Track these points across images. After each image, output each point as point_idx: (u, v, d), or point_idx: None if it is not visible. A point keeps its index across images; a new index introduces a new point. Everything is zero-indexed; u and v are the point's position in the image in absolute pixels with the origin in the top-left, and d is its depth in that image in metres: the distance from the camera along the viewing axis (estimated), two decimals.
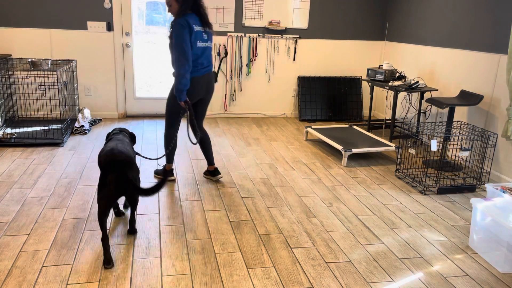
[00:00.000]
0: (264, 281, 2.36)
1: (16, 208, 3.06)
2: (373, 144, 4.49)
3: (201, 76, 3.34)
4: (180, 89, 3.18)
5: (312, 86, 6.07)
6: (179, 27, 3.12)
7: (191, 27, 3.17)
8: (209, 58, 3.40)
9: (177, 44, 3.13)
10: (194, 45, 3.22)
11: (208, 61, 3.39)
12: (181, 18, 3.16)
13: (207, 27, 3.34)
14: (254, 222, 3.02)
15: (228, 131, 5.31)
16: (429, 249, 2.77)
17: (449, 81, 4.74)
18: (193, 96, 3.36)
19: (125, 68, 5.56)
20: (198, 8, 3.28)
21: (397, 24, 5.84)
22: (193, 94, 3.34)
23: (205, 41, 3.32)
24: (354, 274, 2.47)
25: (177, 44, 3.13)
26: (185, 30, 3.13)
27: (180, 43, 3.12)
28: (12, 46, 5.19)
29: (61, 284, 2.26)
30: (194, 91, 3.34)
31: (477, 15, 4.34)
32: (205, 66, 3.35)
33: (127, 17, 5.40)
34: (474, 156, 4.14)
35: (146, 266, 2.45)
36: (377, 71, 5.12)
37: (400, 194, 3.63)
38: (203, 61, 3.32)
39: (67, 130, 4.81)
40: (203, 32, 3.30)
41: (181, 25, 3.13)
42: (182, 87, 3.18)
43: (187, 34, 3.14)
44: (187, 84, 3.19)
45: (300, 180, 3.83)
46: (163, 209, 3.15)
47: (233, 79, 5.90)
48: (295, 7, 5.80)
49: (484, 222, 2.71)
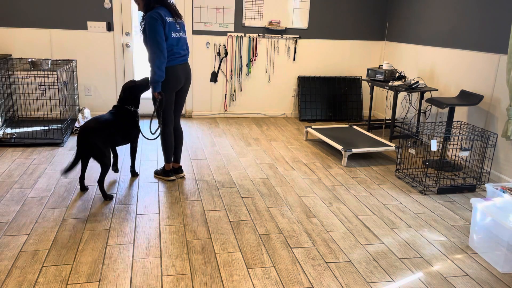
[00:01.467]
0: (264, 281, 2.36)
1: (16, 208, 3.06)
2: (373, 144, 4.49)
3: (179, 65, 3.42)
4: (156, 80, 3.26)
5: (312, 86, 6.07)
6: (151, 20, 3.19)
7: (164, 19, 3.24)
8: (183, 47, 3.47)
9: (151, 37, 3.20)
10: (169, 36, 3.29)
11: (184, 50, 3.46)
12: (152, 11, 3.23)
13: (178, 17, 3.41)
14: (254, 222, 3.02)
15: (228, 131, 5.31)
16: (429, 249, 2.77)
17: (449, 81, 4.74)
18: (175, 85, 3.43)
19: (125, 68, 5.57)
20: (163, 1, 3.34)
21: (397, 24, 5.84)
22: (174, 83, 3.41)
23: (178, 31, 3.39)
24: (354, 274, 2.47)
25: (151, 37, 3.20)
26: (157, 22, 3.19)
27: (154, 36, 3.19)
28: (12, 46, 5.19)
29: (61, 284, 2.26)
30: (176, 80, 3.41)
31: (477, 15, 4.34)
32: (182, 55, 3.42)
33: (127, 17, 5.40)
34: (474, 156, 4.14)
35: (146, 266, 2.45)
36: (377, 71, 5.12)
37: (400, 194, 3.63)
38: (179, 50, 3.39)
39: (67, 130, 4.81)
40: (175, 23, 3.37)
41: (153, 18, 3.19)
42: (158, 78, 3.25)
43: (160, 26, 3.21)
44: (163, 75, 3.27)
45: (300, 180, 3.83)
46: (163, 209, 3.16)
47: (233, 79, 5.90)
48: (295, 7, 5.80)
49: (484, 222, 2.71)
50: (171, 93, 3.45)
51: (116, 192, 3.42)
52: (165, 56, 3.24)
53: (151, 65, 3.26)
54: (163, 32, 3.23)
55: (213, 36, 5.68)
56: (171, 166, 3.69)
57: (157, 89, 3.31)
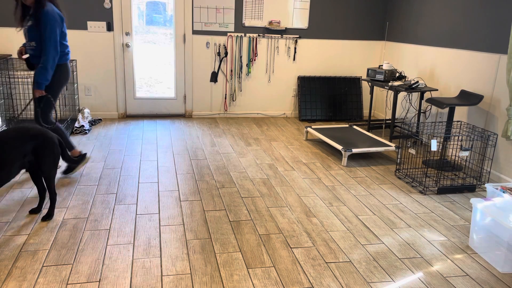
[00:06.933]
0: (264, 281, 2.36)
1: (16, 208, 3.06)
2: (373, 144, 4.49)
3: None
4: (48, 78, 3.38)
5: (312, 86, 6.07)
6: (50, 17, 3.32)
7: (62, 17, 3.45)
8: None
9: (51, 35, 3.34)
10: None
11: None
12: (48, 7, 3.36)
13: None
14: (254, 222, 3.02)
15: (228, 131, 5.31)
16: (429, 249, 2.77)
17: (449, 81, 4.74)
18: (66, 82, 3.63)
19: (125, 68, 5.57)
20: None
21: (397, 24, 5.84)
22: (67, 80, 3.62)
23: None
24: (354, 274, 2.47)
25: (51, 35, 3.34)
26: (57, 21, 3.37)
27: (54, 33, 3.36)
28: (12, 46, 5.19)
29: (61, 284, 2.26)
30: (68, 76, 3.62)
31: (477, 15, 4.34)
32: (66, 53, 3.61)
33: (127, 17, 5.40)
34: (474, 156, 4.14)
35: (146, 266, 2.45)
36: (377, 71, 5.12)
37: (400, 194, 3.63)
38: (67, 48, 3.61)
39: (67, 130, 4.81)
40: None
41: (53, 16, 3.34)
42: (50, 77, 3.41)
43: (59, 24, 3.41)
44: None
45: (300, 180, 3.83)
46: (163, 209, 3.16)
47: (233, 79, 5.90)
48: (295, 7, 5.80)
49: (484, 222, 2.71)
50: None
51: (116, 192, 3.42)
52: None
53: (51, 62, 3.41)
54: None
55: (213, 36, 5.68)
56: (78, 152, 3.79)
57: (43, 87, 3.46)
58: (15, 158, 2.68)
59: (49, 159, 2.84)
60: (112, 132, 5.04)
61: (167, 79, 6.18)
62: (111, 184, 3.57)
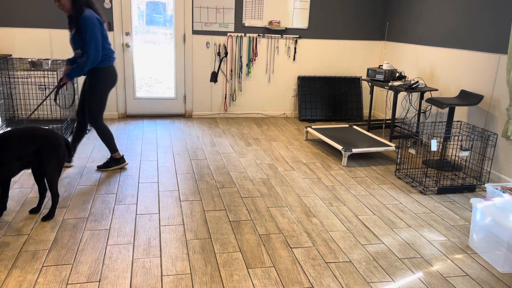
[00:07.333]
0: (264, 281, 2.36)
1: (16, 208, 3.06)
2: (373, 144, 4.49)
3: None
4: (79, 76, 3.55)
5: (312, 86, 6.07)
6: (89, 21, 3.38)
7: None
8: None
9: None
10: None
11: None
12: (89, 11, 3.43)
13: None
14: (254, 222, 3.02)
15: (228, 131, 5.31)
16: (429, 249, 2.77)
17: (449, 81, 4.74)
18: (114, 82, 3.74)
19: (125, 68, 5.57)
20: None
21: (397, 24, 5.84)
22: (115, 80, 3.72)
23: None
24: (354, 274, 2.47)
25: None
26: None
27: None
28: (12, 46, 5.19)
29: (61, 284, 2.26)
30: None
31: (477, 15, 4.34)
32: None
33: (127, 17, 5.40)
34: (474, 156, 4.14)
35: (146, 266, 2.45)
36: (377, 71, 5.12)
37: (400, 194, 3.63)
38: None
39: (67, 130, 4.81)
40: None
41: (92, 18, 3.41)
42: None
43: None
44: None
45: (300, 180, 3.83)
46: (163, 209, 3.16)
47: (233, 79, 5.90)
48: (295, 7, 5.80)
49: (484, 222, 2.71)
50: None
51: (116, 192, 3.42)
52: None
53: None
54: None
55: (213, 36, 5.68)
56: (120, 154, 3.88)
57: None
58: (14, 158, 2.69)
59: (53, 161, 2.84)
60: (112, 132, 5.04)
61: (167, 79, 6.18)
62: (111, 184, 3.57)
